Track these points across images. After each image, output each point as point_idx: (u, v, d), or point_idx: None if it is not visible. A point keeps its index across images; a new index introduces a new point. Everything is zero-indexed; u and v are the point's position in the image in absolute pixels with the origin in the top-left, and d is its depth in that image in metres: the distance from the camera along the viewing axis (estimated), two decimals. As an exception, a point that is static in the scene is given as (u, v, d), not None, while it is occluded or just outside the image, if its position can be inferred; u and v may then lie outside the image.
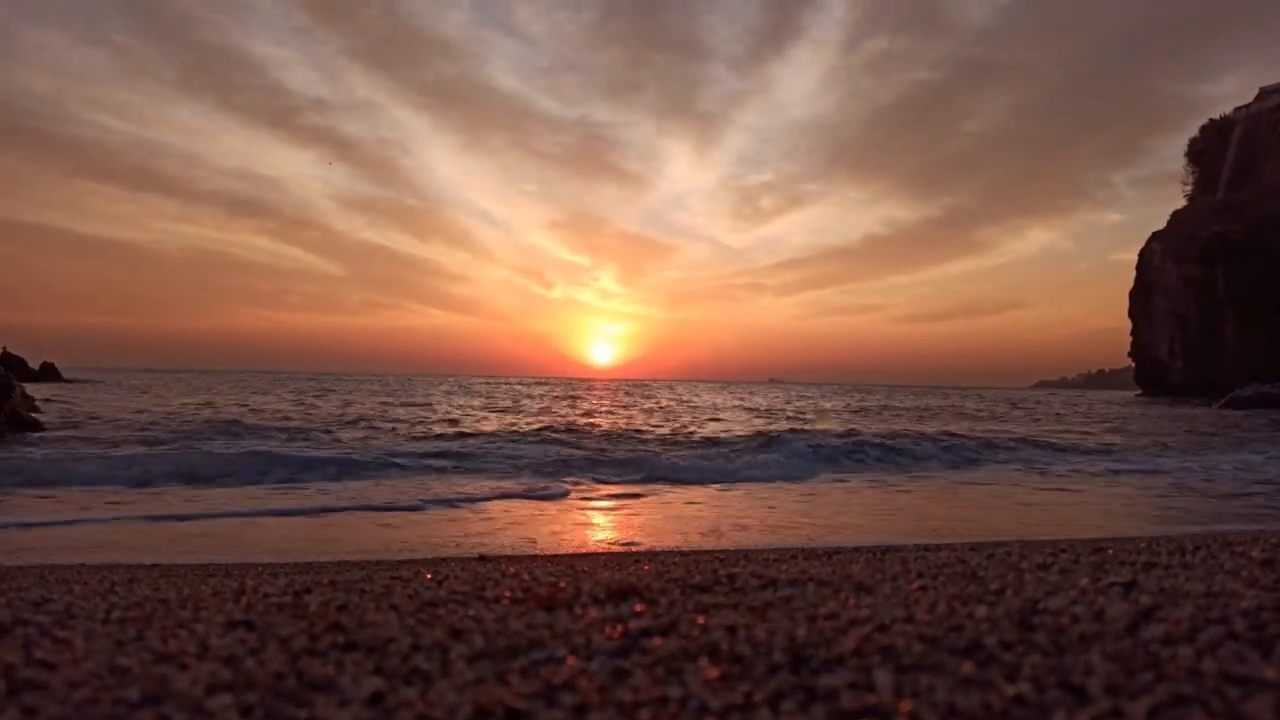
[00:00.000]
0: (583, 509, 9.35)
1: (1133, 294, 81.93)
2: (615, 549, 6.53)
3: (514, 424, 22.13)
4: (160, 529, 7.54)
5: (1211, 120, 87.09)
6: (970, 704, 1.09)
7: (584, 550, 6.46)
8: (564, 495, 10.31)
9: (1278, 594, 1.68)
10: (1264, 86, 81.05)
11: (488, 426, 21.31)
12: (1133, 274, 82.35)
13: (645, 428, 21.51)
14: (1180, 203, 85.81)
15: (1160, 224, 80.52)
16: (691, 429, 21.82)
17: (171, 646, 1.48)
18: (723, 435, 19.44)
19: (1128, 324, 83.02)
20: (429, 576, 2.68)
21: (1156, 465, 14.52)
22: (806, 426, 22.01)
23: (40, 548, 6.39)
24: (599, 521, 8.56)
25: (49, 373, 49.82)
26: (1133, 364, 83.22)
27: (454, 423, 22.58)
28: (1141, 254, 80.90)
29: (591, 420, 24.38)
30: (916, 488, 11.56)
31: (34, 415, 17.13)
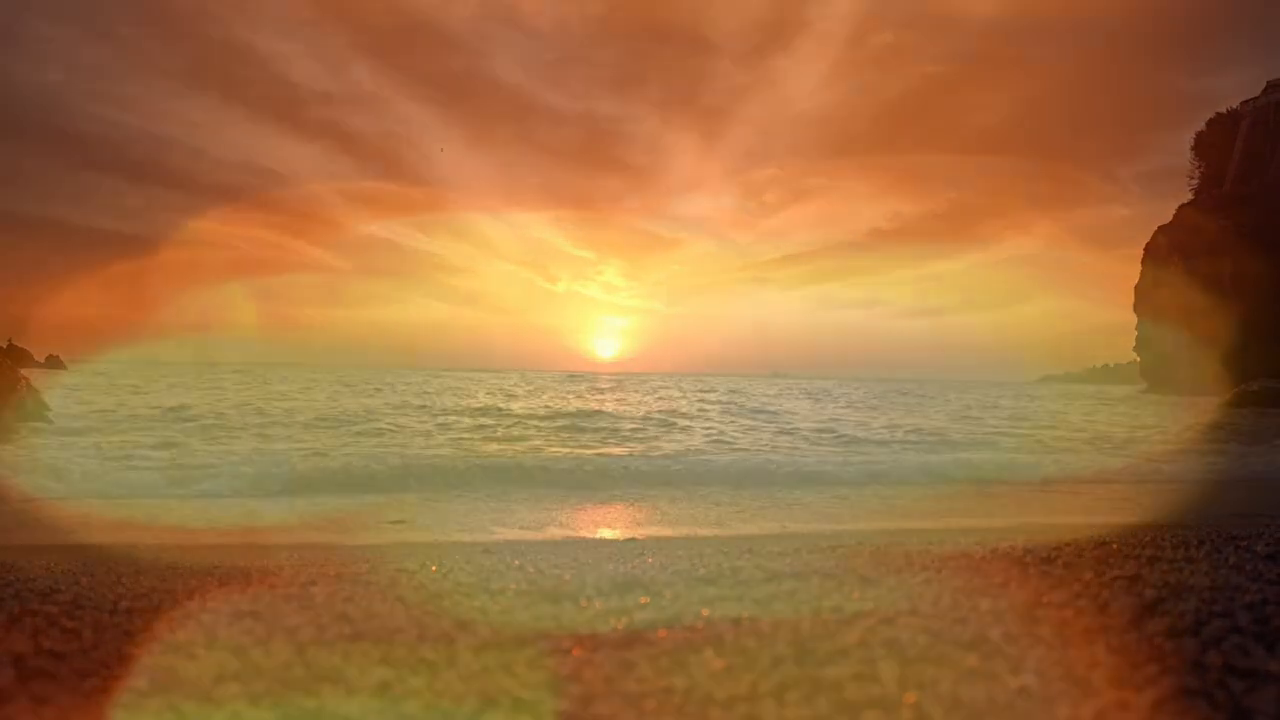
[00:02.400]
0: None
1: (1138, 288, 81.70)
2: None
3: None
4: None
5: (1218, 114, 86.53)
6: (975, 696, 1.09)
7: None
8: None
9: (1282, 588, 1.68)
10: (1271, 80, 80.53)
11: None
12: (1138, 268, 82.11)
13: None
14: (1186, 197, 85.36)
15: (1166, 218, 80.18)
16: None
17: (179, 637, 1.49)
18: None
19: (1133, 318, 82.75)
20: (434, 569, 2.69)
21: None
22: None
23: (55, 534, 6.41)
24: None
25: (54, 364, 50.01)
26: (1137, 359, 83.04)
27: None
28: (1147, 248, 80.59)
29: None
30: None
31: (40, 408, 17.18)
